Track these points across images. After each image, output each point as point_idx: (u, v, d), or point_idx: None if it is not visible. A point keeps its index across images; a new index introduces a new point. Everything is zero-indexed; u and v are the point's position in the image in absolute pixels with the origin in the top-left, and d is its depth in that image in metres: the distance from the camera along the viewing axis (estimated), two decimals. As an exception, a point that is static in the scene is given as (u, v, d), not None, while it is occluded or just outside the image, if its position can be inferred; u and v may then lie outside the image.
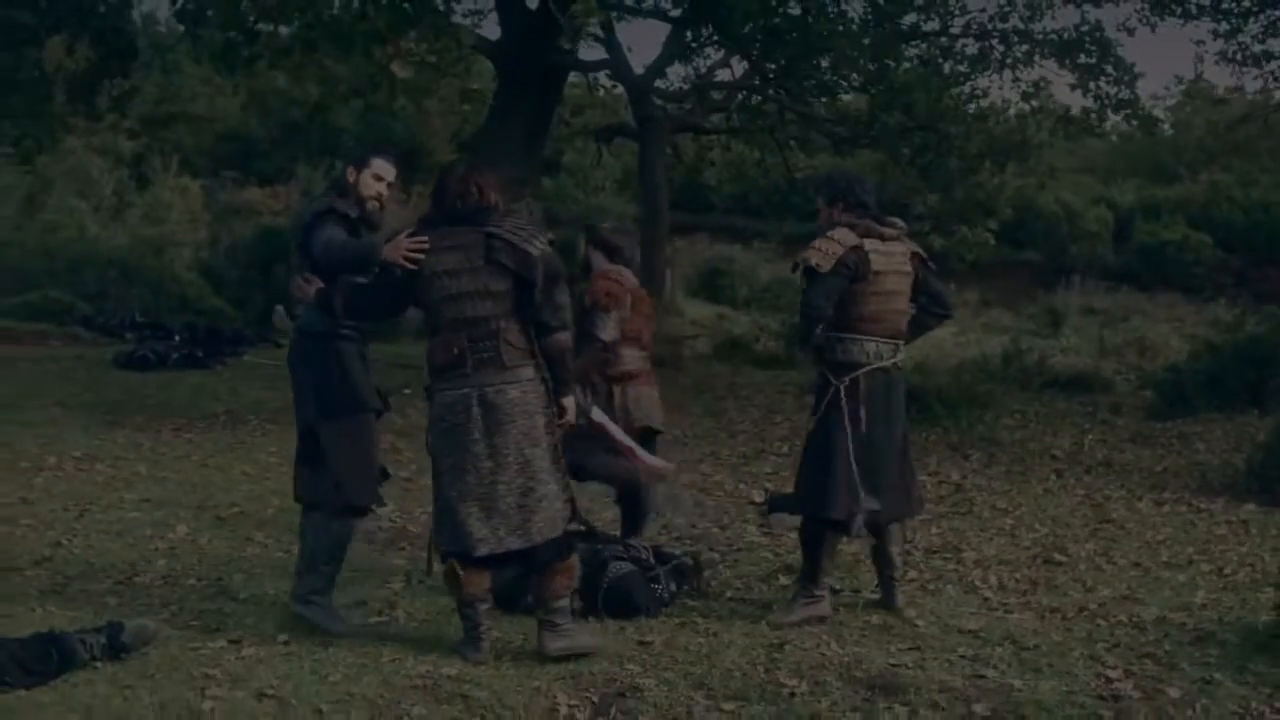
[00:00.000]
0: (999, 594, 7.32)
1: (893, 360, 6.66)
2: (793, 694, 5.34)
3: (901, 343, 6.73)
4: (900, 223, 6.79)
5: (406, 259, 5.68)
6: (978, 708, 5.21)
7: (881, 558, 6.89)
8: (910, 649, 5.99)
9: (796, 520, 7.10)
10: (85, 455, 10.50)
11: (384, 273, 5.85)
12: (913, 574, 7.73)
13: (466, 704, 5.10)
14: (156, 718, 4.76)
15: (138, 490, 9.31)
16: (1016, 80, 19.54)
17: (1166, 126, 46.18)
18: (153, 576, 7.04)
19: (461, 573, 5.72)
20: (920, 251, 6.88)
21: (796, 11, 13.94)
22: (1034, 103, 19.82)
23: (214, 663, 5.45)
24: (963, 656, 5.89)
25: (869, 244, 6.50)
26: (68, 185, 28.13)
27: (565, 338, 5.94)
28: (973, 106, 19.55)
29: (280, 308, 9.48)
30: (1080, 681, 5.55)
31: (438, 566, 5.99)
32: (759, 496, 10.29)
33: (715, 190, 38.82)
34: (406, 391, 14.29)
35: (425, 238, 5.68)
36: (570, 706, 5.16)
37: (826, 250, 6.46)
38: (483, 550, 5.67)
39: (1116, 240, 39.82)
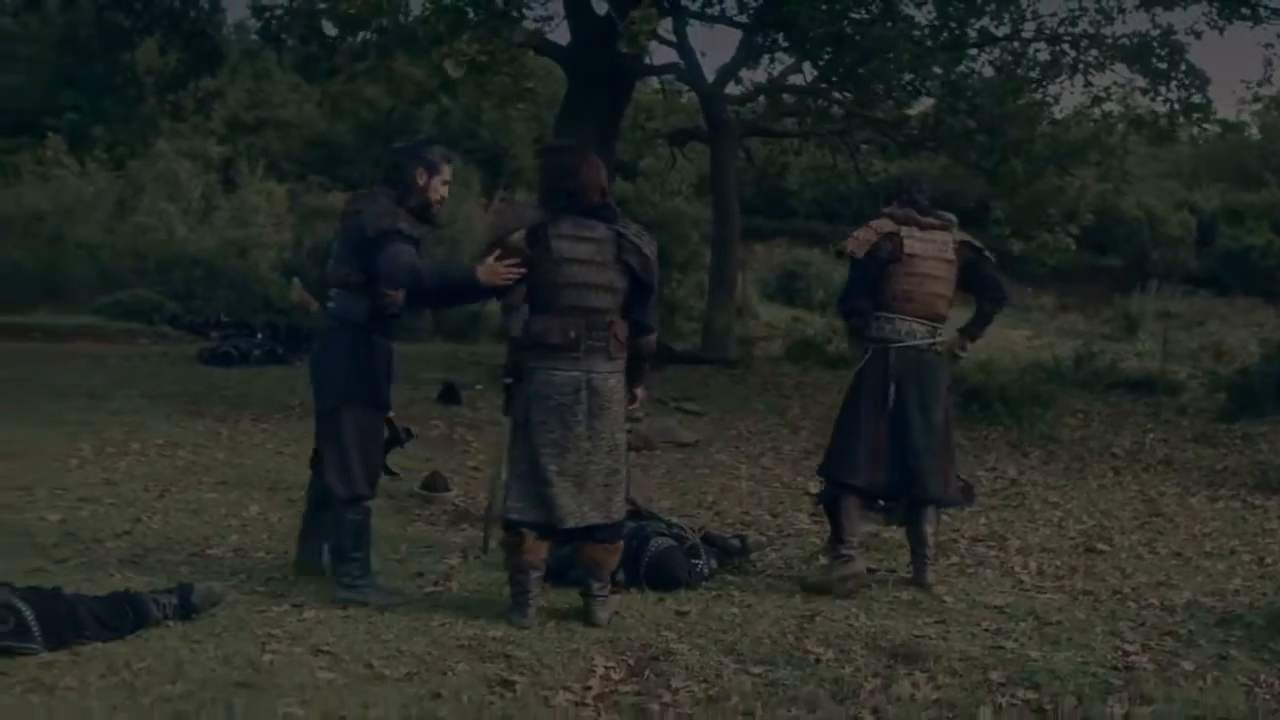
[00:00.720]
0: (1035, 578, 7.55)
1: (928, 341, 7.06)
2: (818, 660, 5.62)
3: (939, 325, 7.12)
4: (948, 216, 7.25)
5: (505, 279, 6.04)
6: (994, 675, 5.46)
7: (914, 536, 7.25)
8: (935, 622, 6.25)
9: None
10: (167, 442, 10.97)
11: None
12: (954, 558, 8.00)
13: (508, 662, 5.43)
14: (220, 669, 5.11)
15: (215, 474, 9.74)
16: (1089, 85, 19.57)
17: (1254, 131, 45.75)
18: (224, 549, 7.45)
19: (529, 542, 6.09)
20: (971, 240, 7.29)
21: (862, 16, 14.13)
22: (1108, 107, 19.85)
23: (276, 624, 5.83)
24: (985, 630, 6.15)
25: (905, 230, 7.01)
26: (158, 189, 28.90)
27: (654, 339, 6.45)
28: (1050, 112, 19.64)
29: (297, 279, 9.83)
30: (1097, 654, 5.78)
31: (494, 544, 6.36)
32: (814, 488, 10.54)
33: (797, 195, 39.00)
34: (479, 387, 14.77)
35: (518, 261, 6.02)
36: (607, 668, 5.47)
37: (863, 238, 7.04)
38: (570, 523, 6.08)
39: (1199, 245, 39.48)
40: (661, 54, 19.06)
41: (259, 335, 18.95)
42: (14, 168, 32.19)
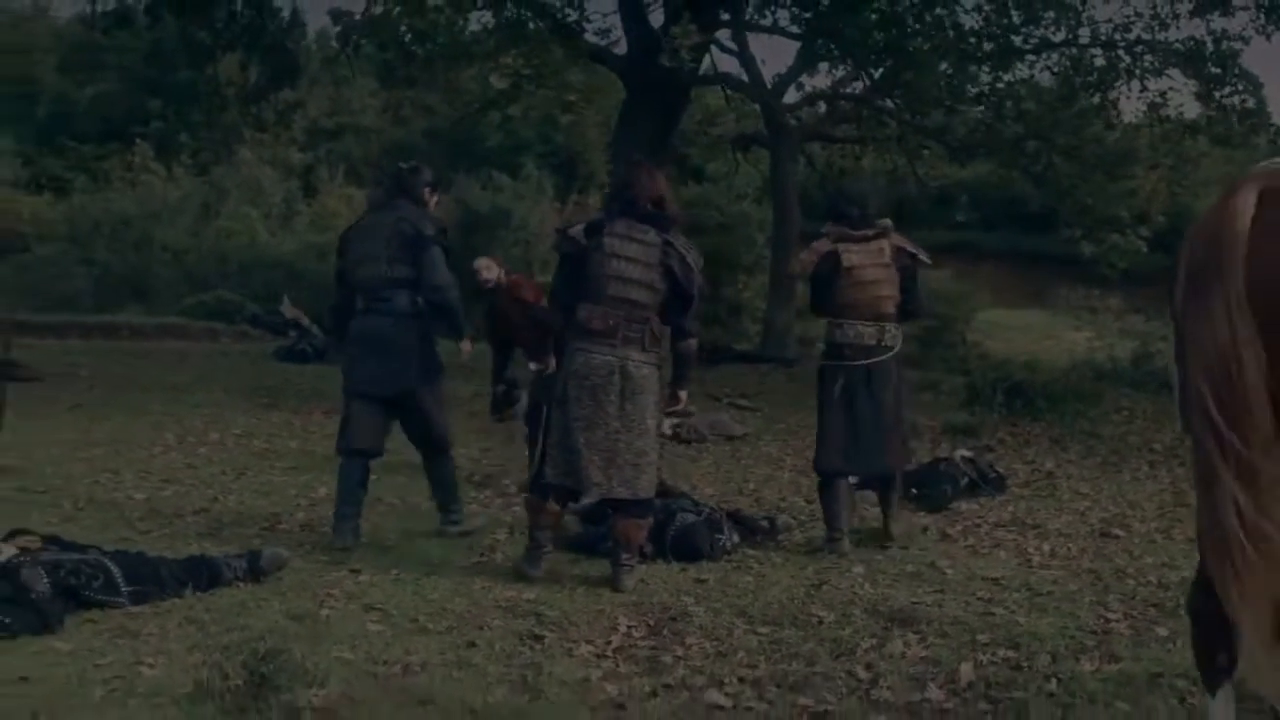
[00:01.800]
0: (1045, 558, 8.01)
1: (877, 340, 7.96)
2: (820, 622, 6.18)
3: (888, 325, 8.00)
4: (883, 223, 8.07)
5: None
6: (980, 636, 5.98)
7: (883, 500, 8.32)
8: (934, 591, 6.79)
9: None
10: (244, 431, 11.73)
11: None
12: (970, 540, 8.50)
13: (539, 620, 6.05)
14: (283, 620, 5.77)
15: (287, 460, 10.47)
16: (1144, 90, 19.84)
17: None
18: (292, 524, 8.15)
19: (550, 506, 6.88)
20: (906, 245, 8.11)
21: (911, 27, 14.54)
22: (1164, 112, 20.11)
23: (334, 585, 6.50)
24: (979, 598, 6.67)
25: (841, 247, 7.87)
26: (241, 195, 29.85)
27: (694, 343, 7.19)
28: (1109, 116, 19.93)
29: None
30: (1080, 620, 6.27)
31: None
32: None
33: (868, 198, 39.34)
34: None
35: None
36: (629, 626, 6.07)
37: (806, 260, 8.11)
38: (597, 494, 6.82)
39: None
40: (727, 63, 19.64)
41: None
42: (104, 173, 33.40)
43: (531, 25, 12.94)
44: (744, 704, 5.08)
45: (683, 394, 7.18)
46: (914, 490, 9.67)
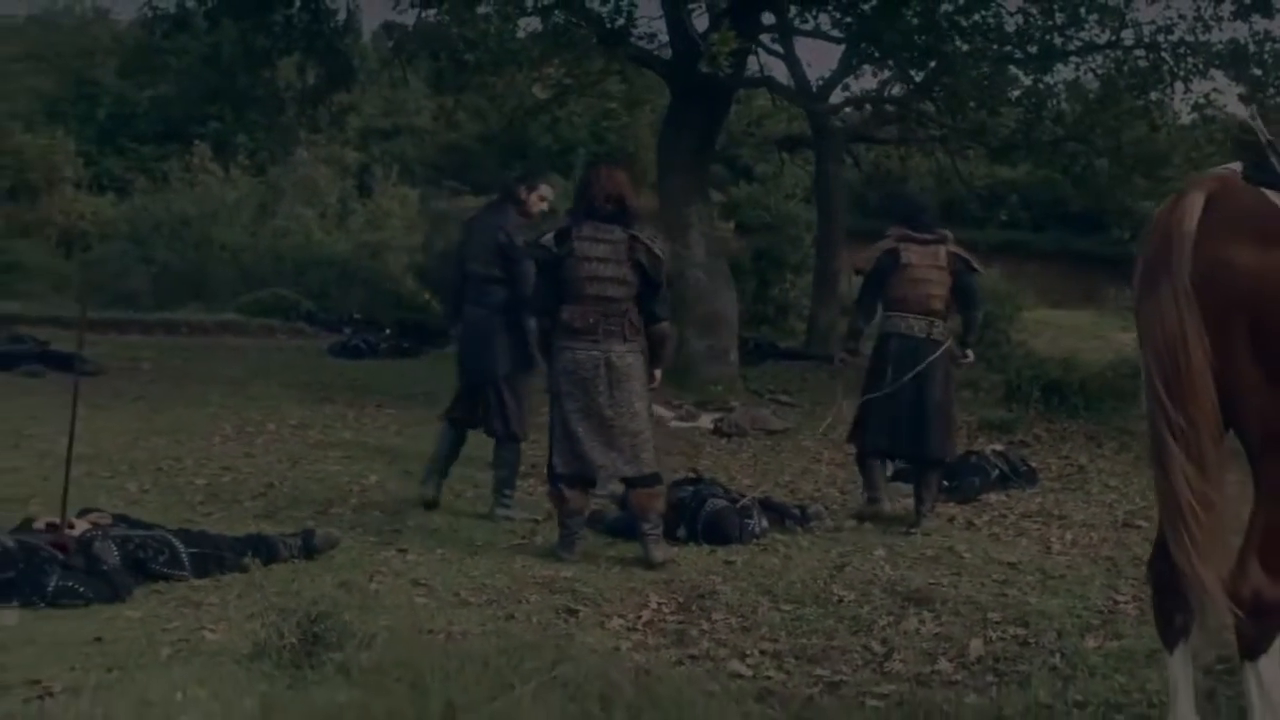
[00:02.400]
0: (1065, 546, 8.33)
1: (926, 334, 8.70)
2: (841, 601, 6.54)
3: (936, 320, 8.74)
4: (943, 233, 8.93)
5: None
6: (992, 615, 6.32)
7: (920, 484, 8.85)
8: (951, 573, 7.13)
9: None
10: (299, 423, 12.18)
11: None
12: (995, 529, 8.81)
13: (574, 596, 6.44)
14: (334, 592, 6.17)
15: (340, 450, 10.90)
16: (1188, 92, 19.92)
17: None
18: (345, 509, 8.57)
19: (569, 494, 7.33)
20: (960, 253, 8.90)
21: (946, 27, 14.76)
22: (1207, 112, 20.19)
23: (383, 562, 6.92)
24: (994, 580, 7.01)
25: (902, 246, 8.68)
26: (297, 194, 30.31)
27: (668, 326, 7.75)
28: (1154, 118, 20.03)
29: None
30: (1089, 601, 6.59)
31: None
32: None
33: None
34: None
35: None
36: (659, 603, 6.45)
37: (868, 255, 8.93)
38: (605, 475, 7.35)
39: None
40: (774, 65, 19.95)
41: (387, 330, 20.21)
42: (163, 174, 34.05)
43: (579, 33, 13.30)
44: (763, 674, 5.44)
45: (658, 372, 7.67)
46: (945, 483, 9.98)
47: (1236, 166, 3.71)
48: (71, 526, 6.23)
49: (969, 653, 5.77)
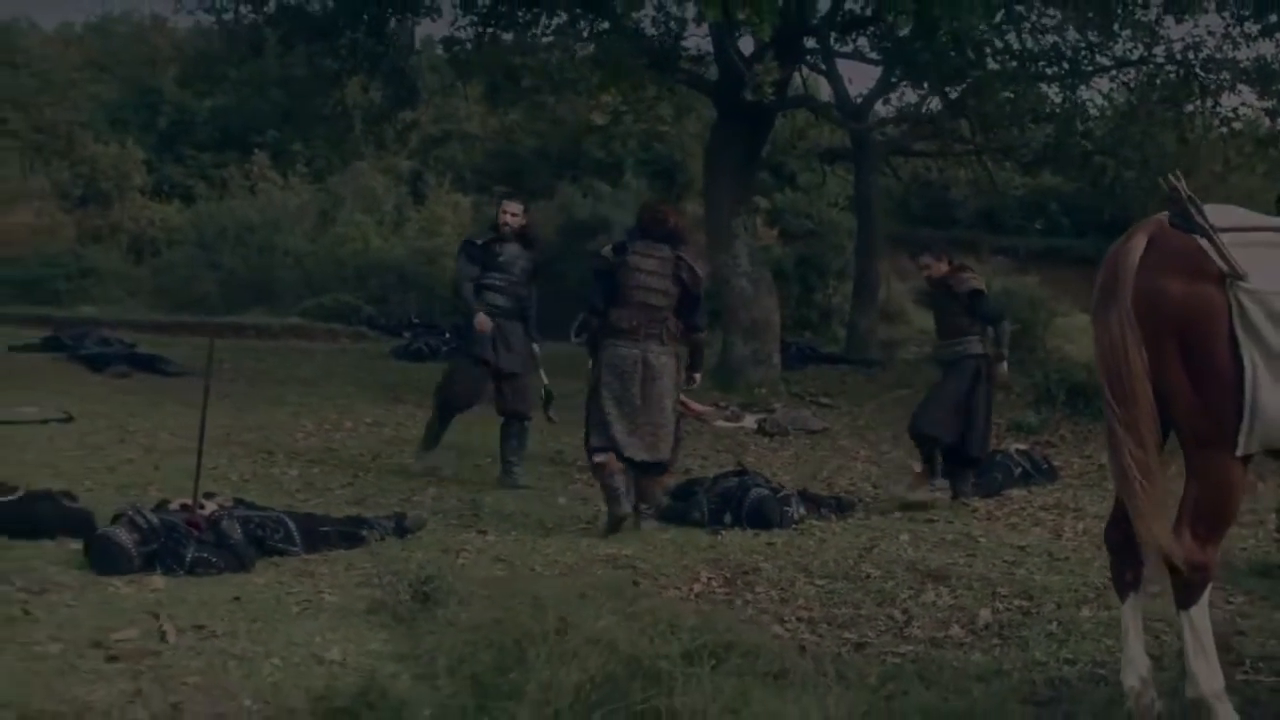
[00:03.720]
0: (1075, 534, 9.19)
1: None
2: (868, 577, 7.45)
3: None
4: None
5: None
6: (1000, 589, 7.21)
7: (955, 480, 10.31)
8: (967, 555, 8.04)
9: (943, 484, 10.42)
10: (374, 421, 13.20)
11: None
12: (1013, 519, 9.69)
13: (635, 571, 7.38)
14: (427, 568, 7.10)
15: (414, 446, 11.86)
16: (1217, 106, 20.67)
17: None
18: (424, 497, 9.57)
19: (605, 459, 8.52)
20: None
21: (971, 53, 15.54)
22: (1235, 125, 20.94)
23: (466, 542, 7.90)
24: (1005, 561, 7.90)
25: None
26: (355, 202, 31.44)
27: (703, 336, 9.08)
28: (1187, 130, 20.78)
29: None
30: (1088, 580, 7.46)
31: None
32: (918, 467, 12.26)
33: (960, 205, 40.24)
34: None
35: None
36: (709, 578, 7.38)
37: (980, 280, 10.44)
38: (627, 452, 8.48)
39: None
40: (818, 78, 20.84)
41: (446, 334, 21.22)
42: (222, 180, 35.27)
43: (633, 63, 14.22)
44: (799, 636, 6.36)
45: (696, 375, 9.09)
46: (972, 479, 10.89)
47: (1164, 216, 4.64)
48: (202, 507, 7.23)
49: (978, 620, 6.66)
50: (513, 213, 10.61)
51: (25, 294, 25.52)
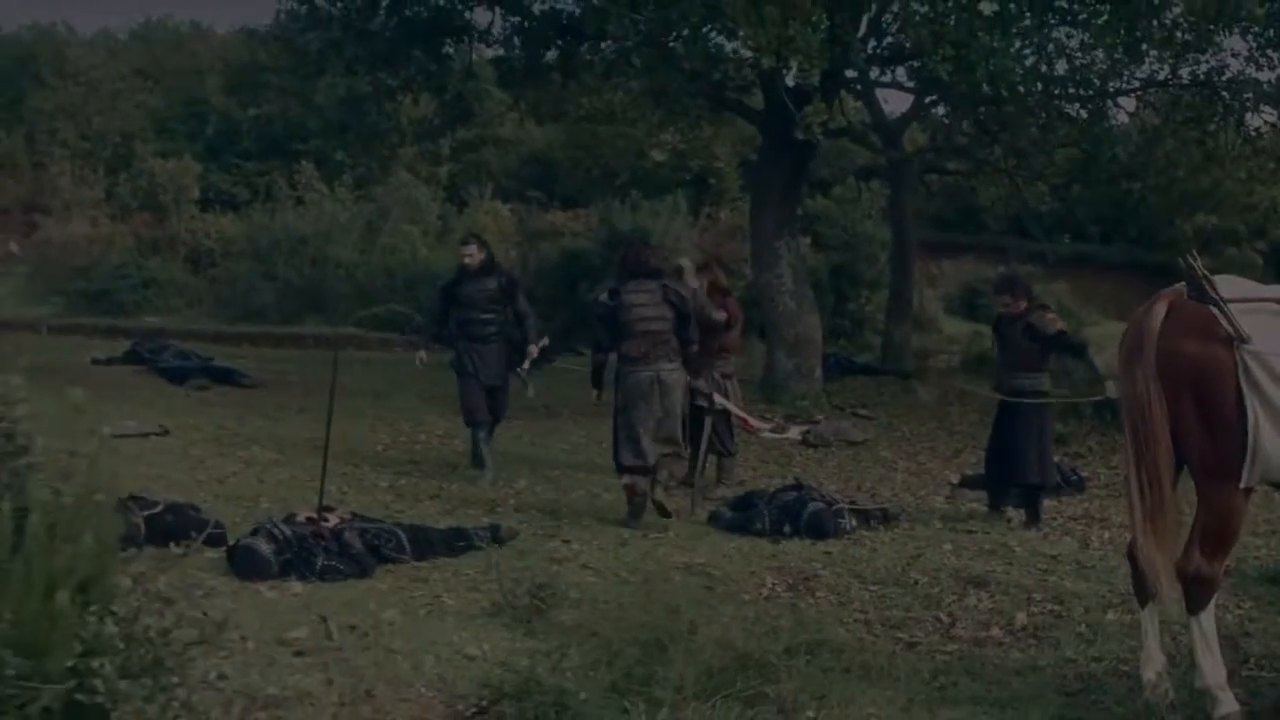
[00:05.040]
0: (1101, 543, 10.06)
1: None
2: (915, 583, 8.36)
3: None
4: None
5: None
6: (1035, 595, 8.11)
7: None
8: (1004, 563, 8.95)
9: (978, 495, 11.30)
10: (444, 434, 14.15)
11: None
12: (1044, 529, 10.56)
13: (708, 577, 8.30)
14: (525, 575, 8.03)
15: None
16: (1241, 126, 21.37)
17: None
18: (506, 508, 10.48)
19: (634, 480, 9.87)
20: None
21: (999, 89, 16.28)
22: (1260, 144, 21.66)
23: (553, 551, 8.84)
24: (1039, 569, 8.80)
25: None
26: (401, 213, 32.28)
27: (695, 347, 10.35)
28: (1207, 149, 21.49)
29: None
30: (1113, 586, 8.33)
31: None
32: (955, 478, 13.10)
33: (988, 211, 40.96)
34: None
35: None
36: (774, 583, 8.30)
37: (1059, 321, 11.04)
38: (651, 459, 9.86)
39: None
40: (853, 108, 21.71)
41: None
42: (265, 189, 36.25)
43: (690, 103, 15.09)
44: (856, 635, 7.26)
45: (696, 384, 10.61)
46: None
47: (1183, 287, 5.54)
48: (326, 520, 8.18)
49: (1015, 623, 7.55)
50: (468, 254, 12.35)
51: (94, 304, 26.54)
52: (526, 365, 12.44)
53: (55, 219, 34.46)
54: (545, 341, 12.80)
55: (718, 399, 11.32)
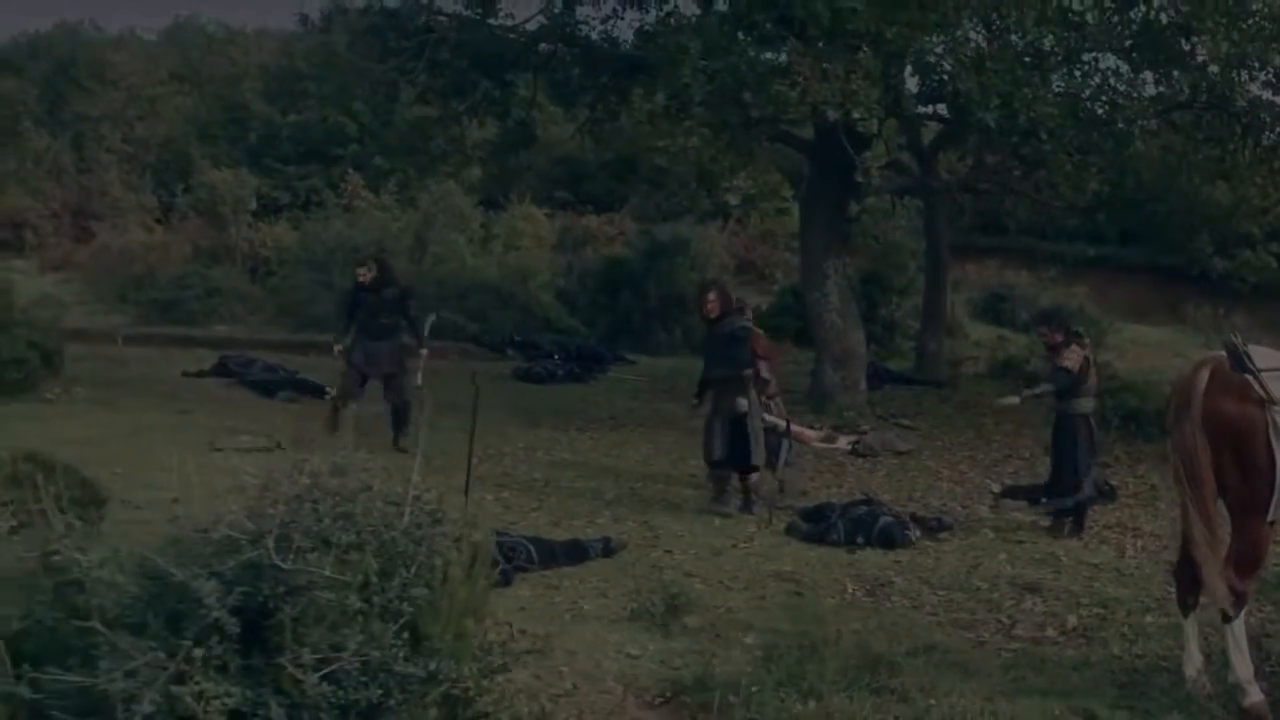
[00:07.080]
0: (1136, 551, 11.31)
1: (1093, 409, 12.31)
2: (978, 588, 9.62)
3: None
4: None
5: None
6: (1082, 599, 9.37)
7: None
8: (1053, 571, 10.22)
9: (1019, 504, 12.54)
10: (525, 446, 15.37)
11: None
12: (1084, 538, 11.79)
13: (796, 583, 9.56)
14: (647, 584, 9.28)
15: (575, 470, 14.05)
16: (1259, 147, 22.42)
17: None
18: (606, 519, 11.69)
19: (719, 473, 11.64)
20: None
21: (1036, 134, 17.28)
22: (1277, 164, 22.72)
23: (657, 560, 10.09)
24: (1083, 576, 10.08)
25: (1086, 352, 11.97)
26: (447, 222, 33.16)
27: (750, 373, 12.17)
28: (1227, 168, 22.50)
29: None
30: (1149, 591, 9.59)
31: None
32: (996, 488, 14.31)
33: (1011, 214, 41.93)
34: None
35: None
36: (854, 589, 9.56)
37: (1076, 359, 11.93)
38: (731, 464, 11.79)
39: None
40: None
41: (555, 356, 23.34)
42: (306, 194, 37.26)
43: (757, 146, 16.21)
44: (933, 636, 8.50)
45: (740, 401, 12.16)
46: (1041, 499, 12.93)
47: (1224, 355, 6.81)
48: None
49: (1068, 624, 8.82)
50: (361, 274, 15.26)
51: (165, 313, 27.69)
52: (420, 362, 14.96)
53: (108, 225, 35.41)
54: (434, 319, 16.26)
55: (767, 417, 12.67)
